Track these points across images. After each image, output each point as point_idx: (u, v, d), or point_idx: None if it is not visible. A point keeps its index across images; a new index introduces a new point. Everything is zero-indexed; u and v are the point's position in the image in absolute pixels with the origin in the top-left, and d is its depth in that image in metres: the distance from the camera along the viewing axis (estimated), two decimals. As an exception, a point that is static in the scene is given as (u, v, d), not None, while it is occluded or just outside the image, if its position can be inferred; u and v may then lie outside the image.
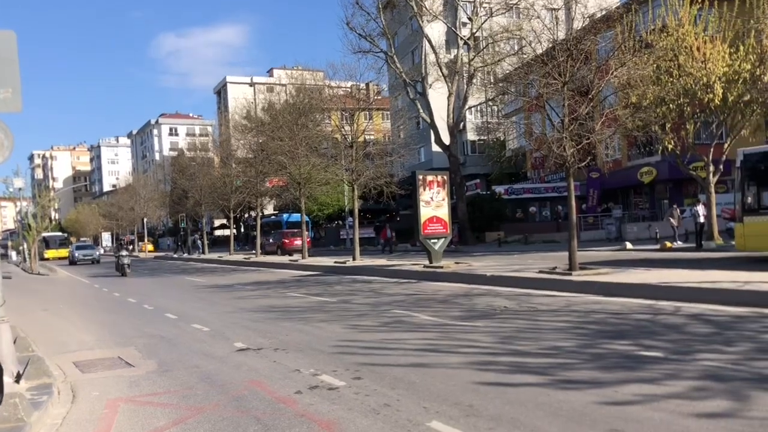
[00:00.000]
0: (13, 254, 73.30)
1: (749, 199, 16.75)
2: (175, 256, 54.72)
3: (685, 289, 11.39)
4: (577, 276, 14.26)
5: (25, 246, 59.34)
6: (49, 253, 69.82)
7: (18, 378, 7.31)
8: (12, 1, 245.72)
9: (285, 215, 48.42)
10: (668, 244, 24.44)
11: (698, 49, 22.22)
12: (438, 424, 5.18)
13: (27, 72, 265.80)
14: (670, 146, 23.69)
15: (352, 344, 8.97)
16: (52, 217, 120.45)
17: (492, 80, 34.54)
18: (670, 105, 22.34)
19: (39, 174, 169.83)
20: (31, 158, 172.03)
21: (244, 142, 43.23)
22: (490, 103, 42.18)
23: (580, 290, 13.24)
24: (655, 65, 20.83)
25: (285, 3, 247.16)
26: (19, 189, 58.72)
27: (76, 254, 52.21)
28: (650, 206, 39.48)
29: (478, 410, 5.50)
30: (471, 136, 52.98)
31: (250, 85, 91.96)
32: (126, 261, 29.35)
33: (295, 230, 43.75)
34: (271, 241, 43.84)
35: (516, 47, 26.76)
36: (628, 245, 26.26)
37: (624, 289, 12.37)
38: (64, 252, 69.89)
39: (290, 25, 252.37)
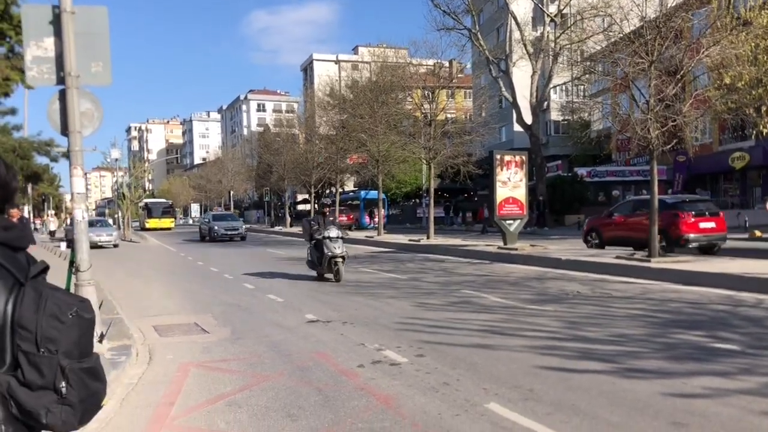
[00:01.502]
0: (110, 221, 76.99)
1: None
2: (275, 228, 51.58)
3: (770, 281, 10.83)
4: (656, 263, 13.78)
5: (120, 214, 62.60)
6: (151, 223, 60.53)
7: (101, 338, 7.75)
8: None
9: (363, 192, 48.79)
10: (758, 233, 23.22)
11: (803, 26, 20.75)
12: (496, 406, 5.18)
13: (126, 46, 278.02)
14: (765, 130, 22.34)
15: (418, 322, 9.04)
16: (146, 188, 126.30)
17: (578, 59, 33.48)
18: (768, 86, 21.03)
19: (135, 146, 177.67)
20: (128, 130, 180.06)
21: (326, 119, 43.78)
22: (576, 82, 40.97)
23: (657, 278, 12.80)
24: (753, 44, 19.63)
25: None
26: (116, 159, 61.72)
27: (216, 228, 36.83)
28: (740, 193, 37.48)
29: (538, 395, 5.47)
30: (554, 116, 51.68)
31: (336, 63, 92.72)
32: (338, 250, 14.11)
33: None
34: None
35: (604, 25, 25.80)
36: (716, 233, 25.06)
37: (704, 278, 11.88)
38: (167, 222, 61.86)
39: (376, 2, 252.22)
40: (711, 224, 18.16)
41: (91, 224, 33.48)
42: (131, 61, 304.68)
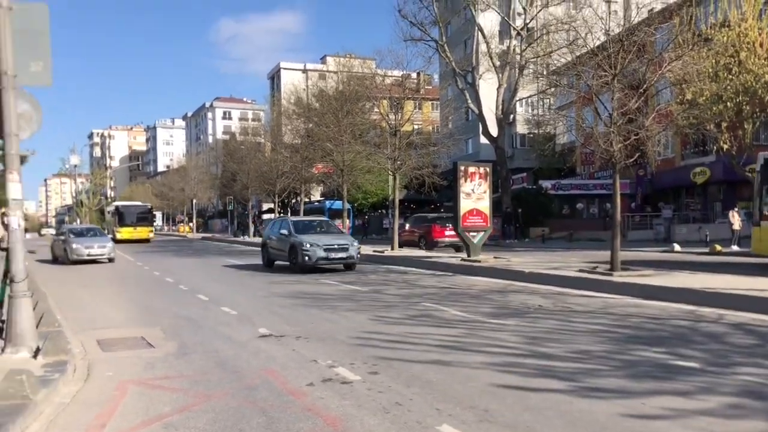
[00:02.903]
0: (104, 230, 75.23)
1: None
2: (239, 238, 49.47)
3: (730, 296, 10.78)
4: (618, 277, 13.72)
5: (78, 221, 61.25)
6: (123, 233, 47.06)
7: (36, 353, 7.32)
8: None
9: (328, 202, 48.37)
10: (718, 247, 23.48)
11: (761, 45, 21.18)
12: (448, 428, 4.92)
13: (90, 50, 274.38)
14: (725, 146, 22.68)
15: (376, 336, 8.74)
16: (108, 195, 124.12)
17: (544, 72, 33.73)
18: (728, 103, 21.36)
19: (97, 152, 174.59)
20: (90, 136, 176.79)
21: (291, 128, 43.40)
22: (541, 95, 41.31)
23: (619, 292, 12.71)
24: (714, 60, 19.93)
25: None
26: (75, 166, 60.47)
27: (307, 244, 19.48)
28: (702, 208, 38.10)
29: (494, 416, 5.21)
30: (520, 129, 52.03)
31: (303, 72, 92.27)
32: None
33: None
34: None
35: (570, 38, 26.02)
36: (676, 247, 25.35)
37: (665, 293, 11.81)
38: (144, 232, 48.76)
39: (345, 11, 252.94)
40: (453, 233, 24.65)
41: (81, 234, 27.97)
42: (95, 65, 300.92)
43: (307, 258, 19.16)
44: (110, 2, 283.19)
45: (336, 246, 19.54)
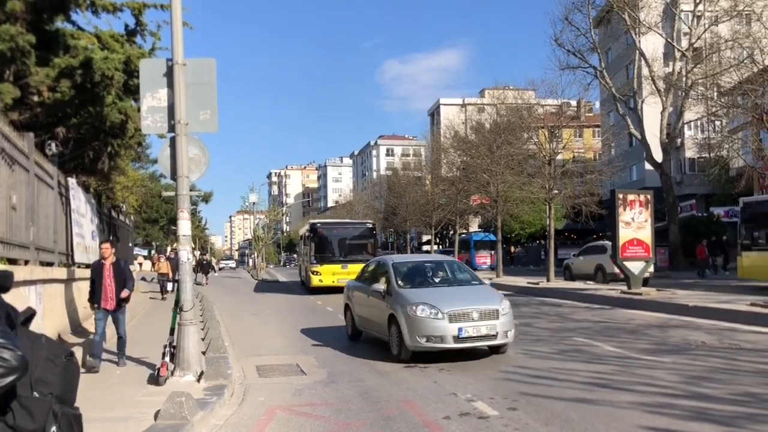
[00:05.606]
0: (251, 261, 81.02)
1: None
2: None
3: None
4: (800, 313, 12.38)
5: (255, 254, 65.73)
6: (325, 276, 24.79)
7: (199, 377, 8.00)
8: (265, 42, 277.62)
9: (474, 234, 48.75)
10: None
11: None
12: (582, 469, 4.75)
13: (269, 99, 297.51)
14: None
15: (520, 371, 8.60)
16: (284, 229, 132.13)
17: (713, 93, 31.43)
18: None
19: (275, 190, 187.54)
20: (269, 176, 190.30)
21: (446, 161, 44.01)
22: (711, 117, 38.47)
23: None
24: None
25: (501, 25, 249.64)
26: (253, 203, 65.34)
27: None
28: None
29: (633, 459, 4.96)
30: (689, 153, 48.75)
31: (461, 107, 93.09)
32: None
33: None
34: None
35: (737, 56, 24.14)
36: None
37: None
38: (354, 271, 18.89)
39: (504, 47, 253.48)
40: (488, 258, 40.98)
41: (423, 279, 11.44)
42: (274, 112, 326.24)
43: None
44: (291, 58, 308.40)
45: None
